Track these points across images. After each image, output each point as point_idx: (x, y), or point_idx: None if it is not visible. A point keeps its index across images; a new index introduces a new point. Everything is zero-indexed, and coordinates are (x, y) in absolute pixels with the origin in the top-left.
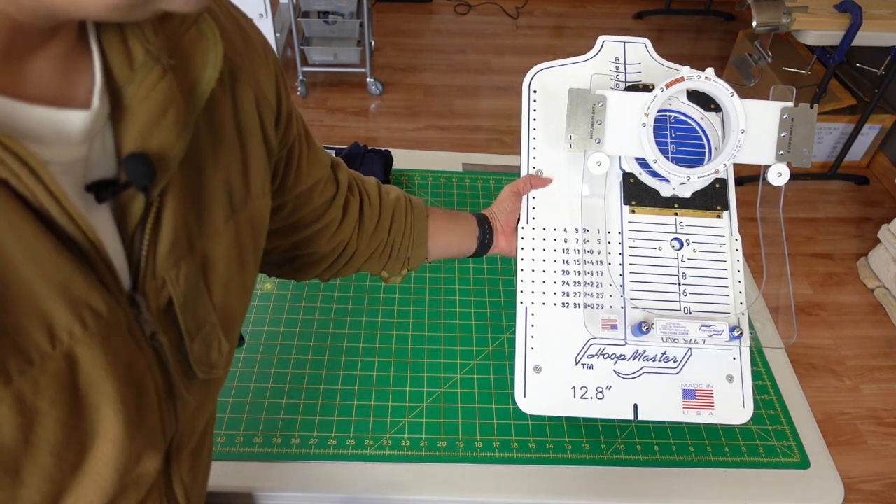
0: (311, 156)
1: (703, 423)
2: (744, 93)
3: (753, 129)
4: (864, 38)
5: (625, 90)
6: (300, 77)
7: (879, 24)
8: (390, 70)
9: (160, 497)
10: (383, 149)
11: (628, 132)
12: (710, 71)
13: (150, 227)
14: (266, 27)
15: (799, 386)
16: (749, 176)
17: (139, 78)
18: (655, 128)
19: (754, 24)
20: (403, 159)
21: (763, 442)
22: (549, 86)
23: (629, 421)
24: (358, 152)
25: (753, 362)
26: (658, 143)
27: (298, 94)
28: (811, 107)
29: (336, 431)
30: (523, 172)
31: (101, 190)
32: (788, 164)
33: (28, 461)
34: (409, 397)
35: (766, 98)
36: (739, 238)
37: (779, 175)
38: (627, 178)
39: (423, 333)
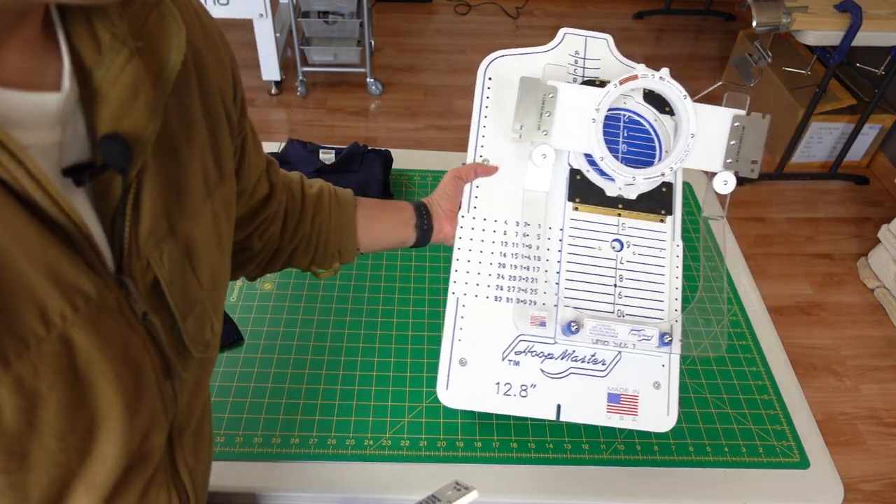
0: (255, 147)
1: (626, 429)
2: (745, 92)
3: (703, 135)
4: (864, 38)
5: (581, 84)
6: (300, 77)
7: (879, 24)
8: (390, 70)
9: (166, 479)
10: (383, 149)
11: (577, 127)
12: (664, 71)
13: (129, 208)
14: (266, 27)
15: (799, 386)
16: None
17: (107, 61)
18: (608, 126)
19: (754, 24)
20: (403, 159)
21: (763, 442)
22: (505, 74)
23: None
24: (358, 152)
25: (753, 363)
26: (609, 142)
27: (298, 94)
28: (763, 116)
29: (335, 431)
30: (469, 160)
31: (78, 173)
32: (735, 173)
33: (34, 445)
34: (409, 397)
35: (764, 98)
36: (681, 244)
37: (724, 183)
38: (574, 174)
39: (423, 333)
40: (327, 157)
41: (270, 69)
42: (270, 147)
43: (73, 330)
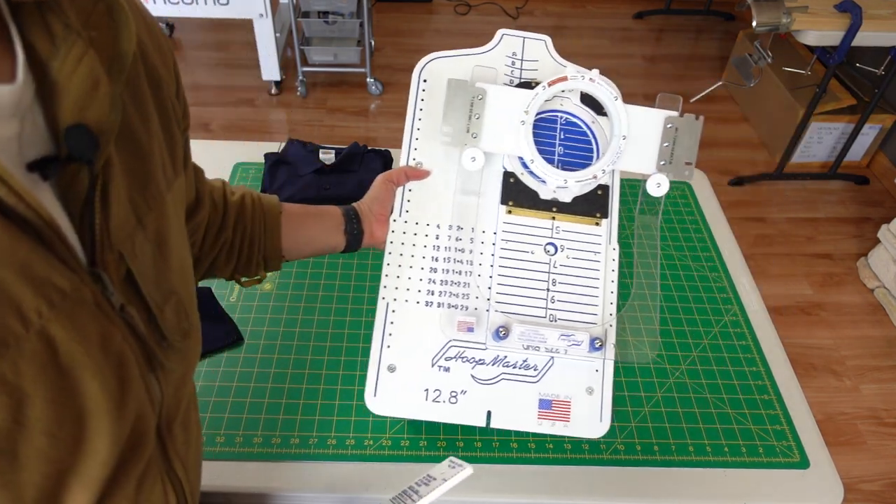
0: (188, 152)
1: (558, 435)
2: (743, 93)
3: (636, 137)
4: (864, 38)
5: (517, 87)
6: (300, 77)
7: (879, 24)
8: (390, 70)
9: (160, 472)
10: (383, 149)
11: (507, 129)
12: (595, 72)
13: (98, 200)
14: (266, 27)
15: (799, 386)
16: (750, 176)
17: (63, 52)
18: (545, 129)
19: (754, 24)
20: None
21: (763, 442)
22: (440, 76)
23: (628, 422)
24: (358, 152)
25: (753, 363)
26: (546, 144)
27: (298, 94)
28: (697, 118)
29: (335, 431)
30: (402, 163)
31: (43, 167)
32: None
33: (23, 443)
34: None
35: (764, 98)
36: (617, 248)
37: (658, 186)
38: (508, 177)
39: None
40: (327, 157)
41: (270, 69)
42: (270, 147)
43: (52, 326)
